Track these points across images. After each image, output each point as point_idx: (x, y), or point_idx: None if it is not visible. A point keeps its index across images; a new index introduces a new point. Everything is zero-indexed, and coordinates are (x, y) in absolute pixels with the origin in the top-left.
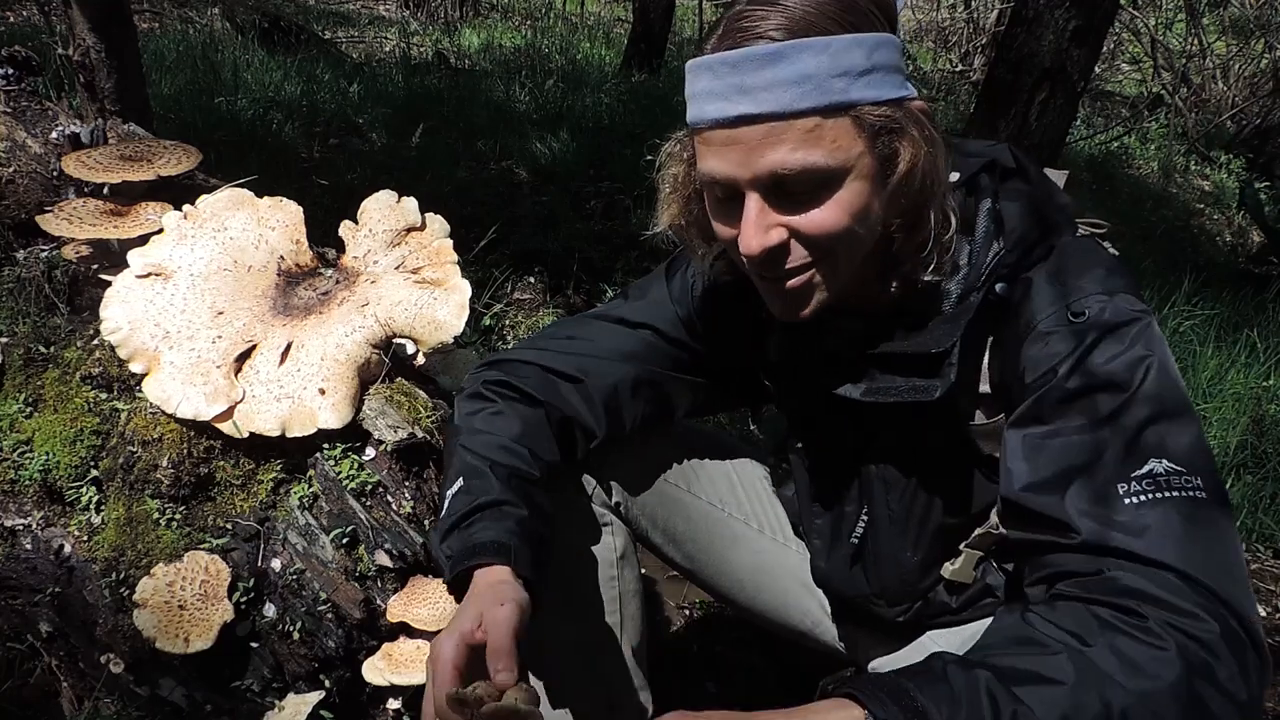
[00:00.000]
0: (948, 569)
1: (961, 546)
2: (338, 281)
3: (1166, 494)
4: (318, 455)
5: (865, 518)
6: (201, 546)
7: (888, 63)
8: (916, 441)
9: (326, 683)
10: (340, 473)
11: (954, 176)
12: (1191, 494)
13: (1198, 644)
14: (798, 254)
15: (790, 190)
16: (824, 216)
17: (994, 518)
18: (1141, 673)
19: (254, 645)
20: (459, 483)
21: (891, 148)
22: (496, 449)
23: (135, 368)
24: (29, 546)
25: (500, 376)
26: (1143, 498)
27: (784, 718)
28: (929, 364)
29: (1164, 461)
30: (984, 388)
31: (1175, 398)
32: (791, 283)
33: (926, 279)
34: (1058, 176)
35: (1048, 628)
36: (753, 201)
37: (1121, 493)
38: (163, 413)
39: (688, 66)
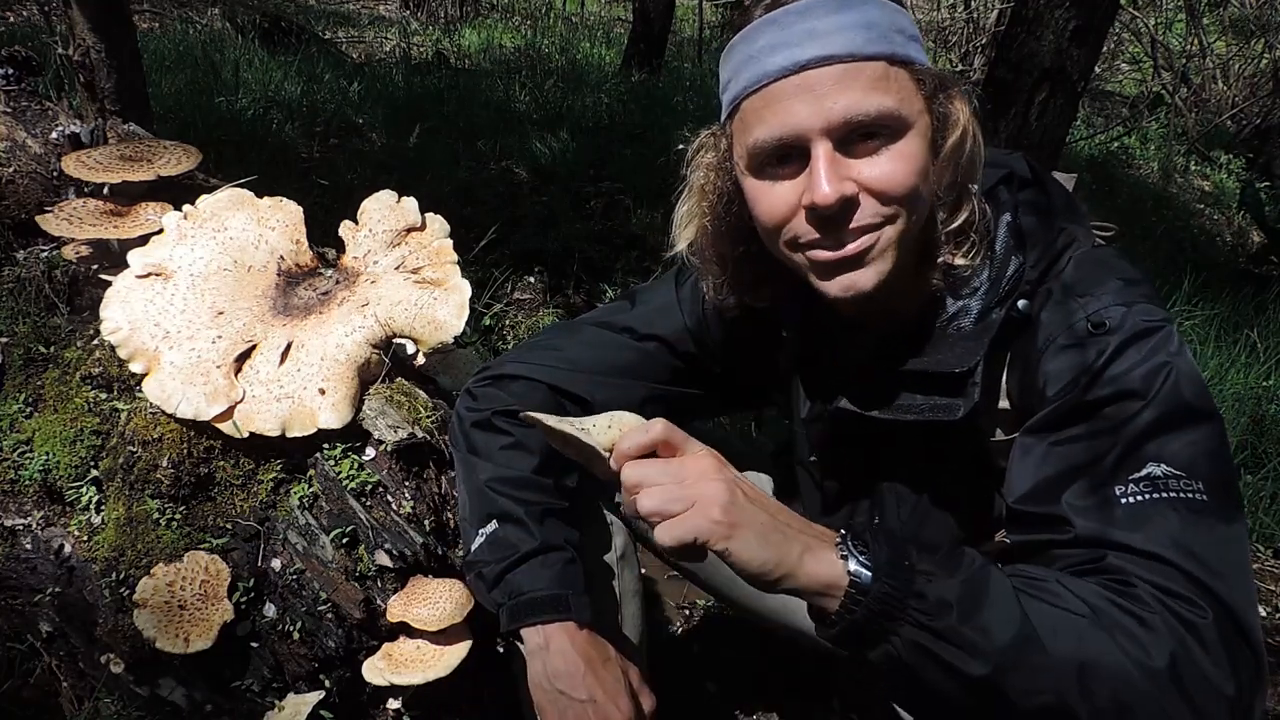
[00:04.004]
0: None
1: None
2: (338, 281)
3: (1163, 495)
4: (318, 455)
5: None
6: (201, 546)
7: (920, 41)
8: (932, 456)
9: (326, 683)
10: (340, 473)
11: (974, 180)
12: (1190, 496)
13: (1185, 626)
14: (866, 210)
15: (857, 142)
16: (895, 168)
17: (1004, 529)
18: (1117, 622)
19: (254, 645)
20: (493, 525)
21: (946, 109)
22: (523, 486)
23: (135, 368)
24: (29, 546)
25: (509, 403)
26: (1138, 498)
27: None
28: (951, 383)
29: (1163, 465)
30: (1003, 403)
31: (1189, 404)
32: (854, 245)
33: (960, 261)
34: (1067, 180)
35: (1041, 570)
36: (822, 150)
37: (1118, 494)
38: (163, 413)
39: (737, 39)
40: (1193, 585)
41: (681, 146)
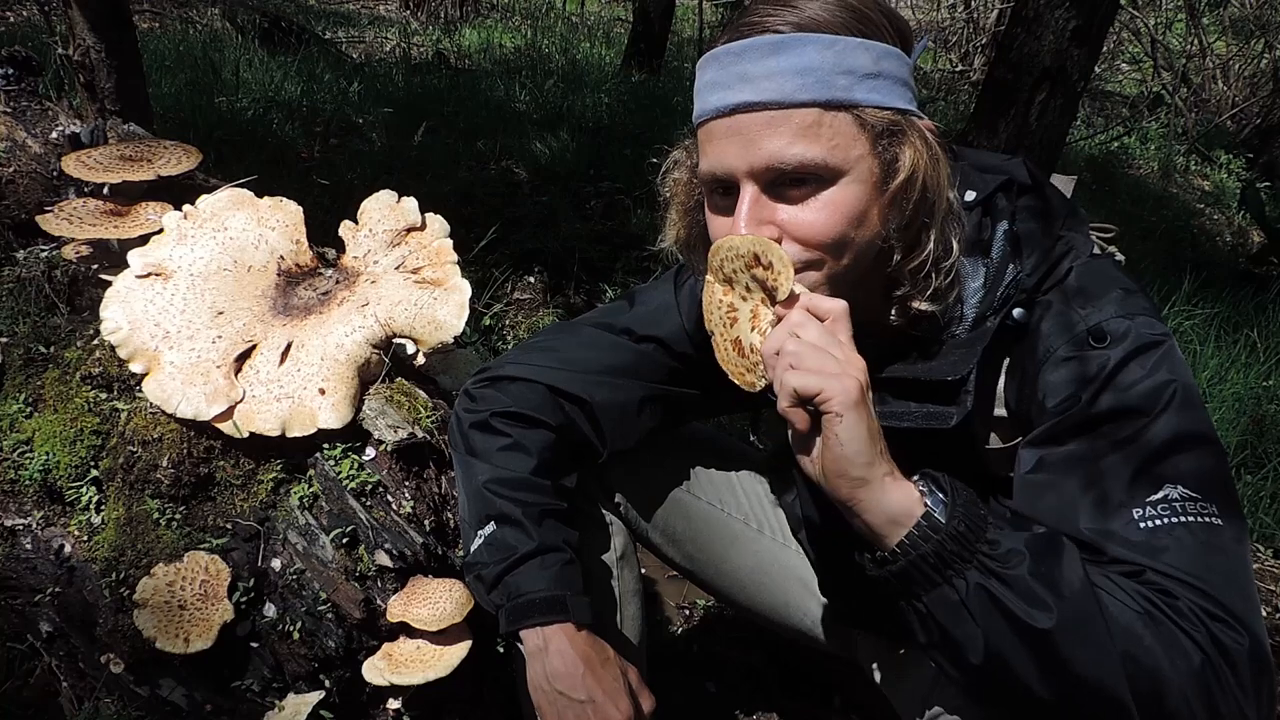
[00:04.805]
0: None
1: None
2: (338, 281)
3: (1181, 519)
4: (318, 455)
5: None
6: (201, 546)
7: (895, 74)
8: (926, 463)
9: (326, 683)
10: (340, 473)
11: (970, 195)
12: (1207, 520)
13: (1220, 649)
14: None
15: (786, 186)
16: (816, 217)
17: None
18: (1175, 646)
19: (254, 645)
20: (491, 527)
21: (893, 152)
22: (521, 488)
23: (135, 368)
24: (29, 546)
25: (507, 405)
26: (1157, 521)
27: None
28: (945, 390)
29: (1179, 488)
30: (999, 411)
31: (1195, 424)
32: None
33: (922, 307)
34: (1065, 183)
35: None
36: (748, 192)
37: (1136, 516)
38: (163, 413)
39: (699, 62)
40: (1222, 610)
41: (655, 160)
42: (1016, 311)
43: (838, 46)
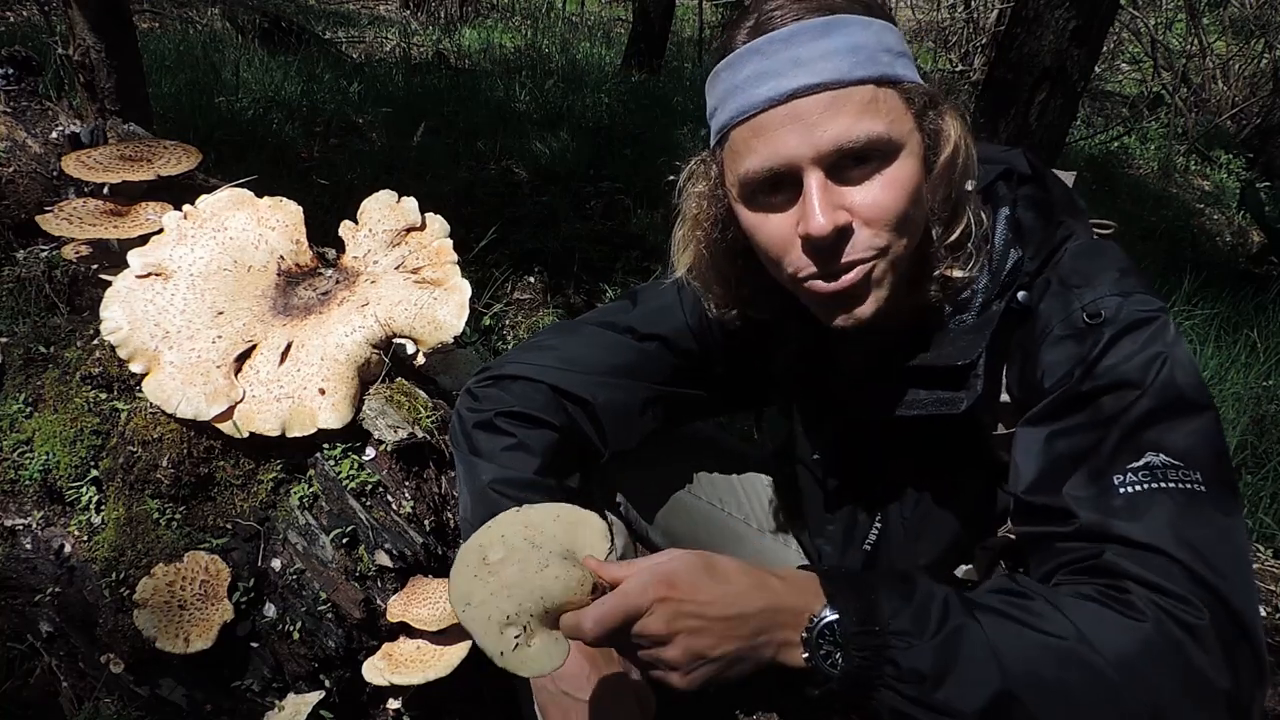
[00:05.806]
0: (961, 569)
1: (977, 550)
2: (338, 281)
3: (1161, 485)
4: (318, 455)
5: (878, 526)
6: (201, 546)
7: (909, 55)
8: (934, 452)
9: (326, 683)
10: (340, 473)
11: (969, 185)
12: (1188, 487)
13: (1181, 626)
14: (860, 241)
15: (848, 168)
16: (885, 195)
17: (1009, 523)
18: (1106, 635)
19: (254, 645)
20: None
21: (936, 125)
22: (526, 488)
23: (135, 368)
24: (29, 546)
25: (511, 404)
26: (1137, 487)
27: (755, 574)
28: (954, 376)
29: (1161, 455)
30: (1003, 397)
31: (1185, 394)
32: (848, 277)
33: (956, 274)
34: (1066, 178)
35: (1031, 584)
36: (815, 179)
37: (1116, 483)
38: (163, 413)
39: (721, 66)
40: (1191, 581)
41: (672, 178)
42: (1020, 295)
43: (873, 27)
